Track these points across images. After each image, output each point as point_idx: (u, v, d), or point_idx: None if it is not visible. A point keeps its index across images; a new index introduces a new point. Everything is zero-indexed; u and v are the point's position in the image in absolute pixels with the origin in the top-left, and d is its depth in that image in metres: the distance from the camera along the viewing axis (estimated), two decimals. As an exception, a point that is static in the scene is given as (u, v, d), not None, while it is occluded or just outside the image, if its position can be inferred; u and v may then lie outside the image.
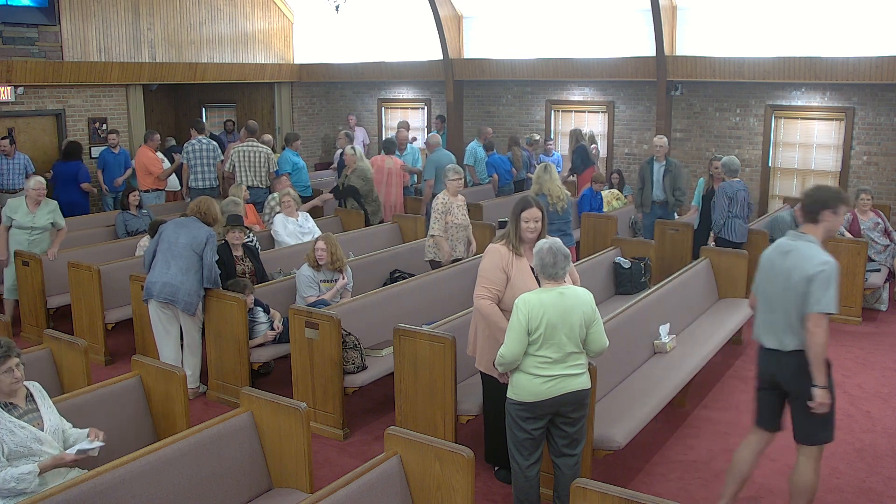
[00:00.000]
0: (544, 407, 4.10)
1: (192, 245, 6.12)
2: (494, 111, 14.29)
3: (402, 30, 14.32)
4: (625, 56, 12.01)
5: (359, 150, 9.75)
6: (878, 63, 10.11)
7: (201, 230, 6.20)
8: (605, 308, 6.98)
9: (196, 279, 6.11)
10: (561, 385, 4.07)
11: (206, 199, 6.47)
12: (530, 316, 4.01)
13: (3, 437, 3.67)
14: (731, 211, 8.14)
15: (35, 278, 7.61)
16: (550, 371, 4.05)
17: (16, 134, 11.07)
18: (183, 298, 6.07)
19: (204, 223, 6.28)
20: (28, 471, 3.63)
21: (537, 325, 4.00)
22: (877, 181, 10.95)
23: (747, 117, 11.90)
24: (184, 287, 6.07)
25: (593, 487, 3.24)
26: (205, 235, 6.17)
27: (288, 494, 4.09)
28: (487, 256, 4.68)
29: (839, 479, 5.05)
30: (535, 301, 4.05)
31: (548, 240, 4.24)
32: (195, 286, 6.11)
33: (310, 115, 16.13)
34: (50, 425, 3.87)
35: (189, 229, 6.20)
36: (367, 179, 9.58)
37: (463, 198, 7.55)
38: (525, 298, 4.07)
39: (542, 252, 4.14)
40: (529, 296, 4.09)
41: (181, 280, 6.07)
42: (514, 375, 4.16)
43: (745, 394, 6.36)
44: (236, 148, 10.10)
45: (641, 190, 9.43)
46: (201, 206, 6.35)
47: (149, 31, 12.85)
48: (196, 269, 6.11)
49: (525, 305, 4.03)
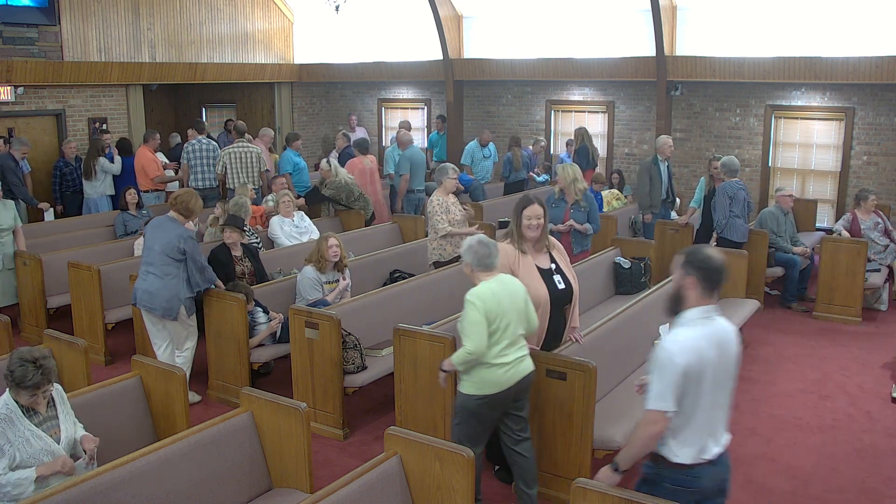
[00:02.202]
0: (508, 394, 4.24)
1: (166, 250, 5.88)
2: (494, 111, 14.29)
3: (402, 30, 14.31)
4: (625, 56, 12.00)
5: (333, 163, 9.70)
6: (878, 63, 10.11)
7: (172, 233, 5.91)
8: (605, 308, 6.98)
9: (175, 283, 5.89)
10: (517, 370, 4.25)
11: (185, 192, 6.17)
12: (487, 308, 4.10)
13: (19, 445, 3.64)
14: (732, 211, 8.15)
15: (35, 278, 7.61)
16: (508, 357, 4.21)
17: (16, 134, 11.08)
18: (160, 305, 5.90)
19: (182, 216, 6.04)
20: (25, 476, 3.62)
21: (496, 316, 4.12)
22: (877, 181, 10.95)
23: (747, 117, 11.89)
24: (160, 293, 5.89)
25: (593, 487, 3.24)
26: (175, 239, 5.88)
27: (288, 494, 4.09)
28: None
29: (840, 479, 5.05)
30: (487, 293, 4.14)
31: (475, 235, 4.42)
32: (174, 291, 5.89)
33: (310, 115, 16.13)
34: (66, 436, 3.86)
35: (163, 232, 5.96)
36: (341, 187, 9.54)
37: (454, 196, 7.51)
38: (477, 293, 4.16)
39: (475, 246, 4.25)
40: (480, 289, 4.18)
41: (158, 286, 5.89)
42: (473, 371, 4.22)
43: (745, 393, 6.37)
44: (227, 149, 10.07)
45: (650, 191, 9.28)
46: (178, 199, 6.08)
47: (149, 31, 12.85)
48: (175, 273, 5.89)
49: (480, 299, 4.11)
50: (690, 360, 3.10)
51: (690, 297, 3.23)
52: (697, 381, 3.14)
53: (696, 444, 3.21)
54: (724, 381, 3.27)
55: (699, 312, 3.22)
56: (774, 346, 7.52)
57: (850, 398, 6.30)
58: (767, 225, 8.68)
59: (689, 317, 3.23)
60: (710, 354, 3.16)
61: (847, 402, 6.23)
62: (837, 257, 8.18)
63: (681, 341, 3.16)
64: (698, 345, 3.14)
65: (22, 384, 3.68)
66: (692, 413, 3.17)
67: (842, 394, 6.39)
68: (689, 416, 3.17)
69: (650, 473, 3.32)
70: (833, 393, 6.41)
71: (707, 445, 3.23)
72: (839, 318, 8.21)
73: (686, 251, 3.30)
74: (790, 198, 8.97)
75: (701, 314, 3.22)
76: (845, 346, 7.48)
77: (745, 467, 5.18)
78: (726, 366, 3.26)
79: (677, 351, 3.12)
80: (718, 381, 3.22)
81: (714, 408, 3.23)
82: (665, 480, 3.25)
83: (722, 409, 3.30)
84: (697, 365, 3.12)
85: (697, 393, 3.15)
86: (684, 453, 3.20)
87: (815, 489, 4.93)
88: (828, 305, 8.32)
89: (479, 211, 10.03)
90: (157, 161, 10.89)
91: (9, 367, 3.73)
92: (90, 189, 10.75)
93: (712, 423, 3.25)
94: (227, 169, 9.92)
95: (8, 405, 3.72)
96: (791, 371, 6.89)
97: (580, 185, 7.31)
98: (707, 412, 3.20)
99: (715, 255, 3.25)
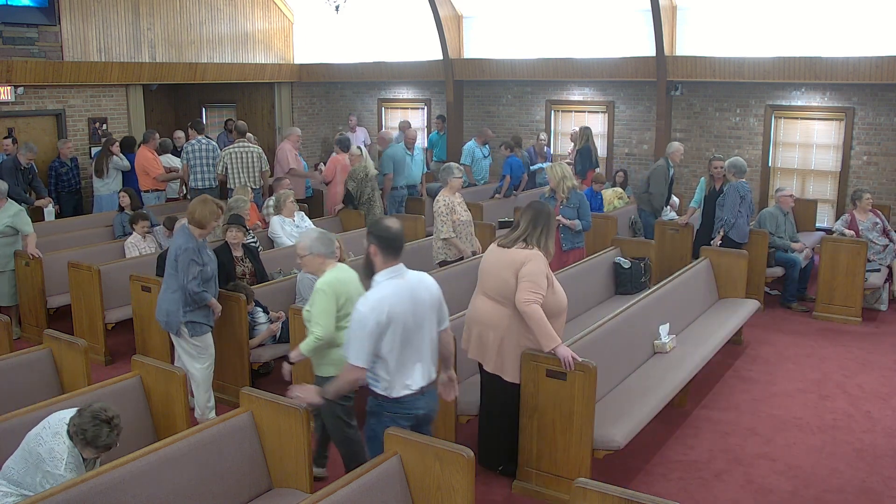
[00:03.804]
0: None
1: (170, 263, 5.61)
2: (494, 111, 14.29)
3: (402, 30, 14.31)
4: (625, 56, 12.00)
5: (364, 150, 9.76)
6: (878, 63, 10.11)
7: (175, 244, 5.65)
8: (605, 308, 6.98)
9: (174, 298, 5.54)
10: None
11: (199, 200, 5.74)
12: (337, 294, 4.37)
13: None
14: (741, 211, 8.17)
15: (35, 278, 7.61)
16: None
17: (16, 134, 11.08)
18: (161, 318, 5.68)
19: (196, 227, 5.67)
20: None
21: (343, 301, 4.37)
22: (877, 181, 10.95)
23: (747, 117, 11.89)
24: (161, 306, 5.67)
25: (593, 487, 3.24)
26: (174, 252, 5.60)
27: (288, 494, 4.09)
28: (533, 262, 4.67)
29: (839, 479, 5.05)
30: (335, 281, 4.41)
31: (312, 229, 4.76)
32: (171, 305, 5.56)
33: (310, 115, 16.12)
34: None
35: (172, 243, 5.78)
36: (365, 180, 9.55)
37: (460, 194, 7.53)
38: (327, 282, 4.38)
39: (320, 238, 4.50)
40: (328, 278, 4.40)
41: (161, 298, 5.70)
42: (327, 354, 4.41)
43: (745, 394, 6.37)
44: (227, 149, 10.06)
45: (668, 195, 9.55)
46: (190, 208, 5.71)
47: (149, 31, 12.85)
48: (174, 286, 5.54)
49: (330, 287, 4.37)
50: (380, 316, 3.70)
51: (377, 262, 3.85)
52: (393, 330, 3.74)
53: (404, 381, 3.84)
54: (422, 325, 3.88)
55: (387, 273, 3.83)
56: (774, 346, 7.52)
57: (850, 398, 6.30)
58: (766, 225, 8.68)
59: (378, 279, 3.84)
60: (400, 306, 3.77)
61: (847, 402, 6.23)
62: (837, 257, 8.18)
63: (370, 302, 3.75)
64: (388, 301, 3.74)
65: (94, 444, 3.64)
66: (395, 356, 3.78)
67: (842, 394, 6.39)
68: (394, 359, 3.78)
69: (373, 406, 3.95)
70: (833, 393, 6.41)
71: (414, 380, 3.86)
72: (839, 318, 8.21)
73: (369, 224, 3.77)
74: (791, 198, 8.97)
75: (388, 274, 3.83)
76: (845, 346, 7.48)
77: (745, 467, 5.19)
78: (421, 311, 3.87)
79: (367, 311, 3.71)
80: (416, 325, 3.84)
81: (415, 349, 3.85)
82: (385, 410, 3.89)
83: (426, 348, 3.91)
84: (388, 317, 3.72)
85: (396, 339, 3.76)
86: (395, 389, 3.83)
87: (815, 489, 4.93)
88: (828, 305, 8.32)
89: (478, 211, 10.03)
90: (158, 160, 10.89)
91: (80, 425, 3.63)
92: (101, 187, 10.78)
93: (416, 362, 3.86)
94: (227, 169, 9.92)
95: (75, 458, 3.68)
96: (791, 371, 6.89)
97: (568, 184, 7.46)
98: (409, 353, 3.82)
99: (392, 225, 3.87)
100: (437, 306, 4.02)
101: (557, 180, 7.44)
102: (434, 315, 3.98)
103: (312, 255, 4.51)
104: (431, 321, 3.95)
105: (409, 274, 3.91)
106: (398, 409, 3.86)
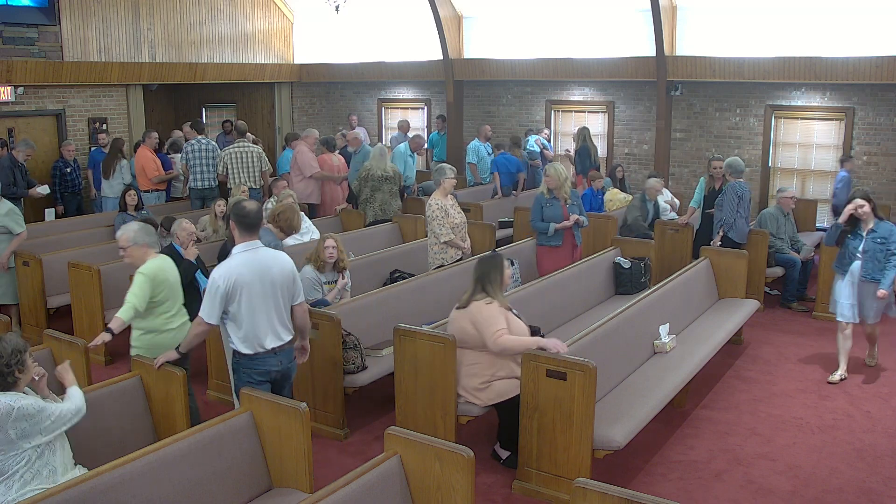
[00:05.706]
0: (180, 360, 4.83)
1: None
2: (494, 111, 14.29)
3: (402, 30, 14.31)
4: (625, 56, 12.01)
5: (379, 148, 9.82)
6: (878, 63, 10.11)
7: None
8: (606, 308, 6.98)
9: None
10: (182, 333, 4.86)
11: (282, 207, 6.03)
12: (155, 280, 4.83)
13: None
14: (739, 211, 8.16)
15: (35, 278, 7.61)
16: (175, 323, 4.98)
17: (16, 134, 11.08)
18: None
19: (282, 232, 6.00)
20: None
21: (161, 287, 4.87)
22: (877, 181, 10.95)
23: (747, 117, 11.90)
24: None
25: (593, 487, 3.24)
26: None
27: (288, 494, 4.09)
28: (485, 309, 4.95)
29: (839, 479, 5.05)
30: (156, 268, 4.89)
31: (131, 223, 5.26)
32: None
33: (310, 115, 16.12)
34: None
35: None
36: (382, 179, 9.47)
37: (452, 196, 7.51)
38: (148, 268, 4.86)
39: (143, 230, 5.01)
40: (150, 265, 4.88)
41: None
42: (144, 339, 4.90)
43: (745, 394, 6.37)
44: (227, 150, 10.07)
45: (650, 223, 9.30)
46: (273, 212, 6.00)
47: (149, 31, 12.85)
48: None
49: (150, 272, 4.83)
50: (228, 282, 4.30)
51: (235, 236, 4.49)
52: (240, 295, 4.32)
53: (254, 340, 4.40)
54: (271, 294, 4.41)
55: (242, 247, 4.43)
56: (774, 346, 7.52)
57: (850, 398, 6.30)
58: (766, 226, 8.68)
59: (234, 251, 4.44)
60: (249, 276, 4.34)
61: (847, 402, 6.23)
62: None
63: (222, 269, 4.37)
64: (237, 270, 4.33)
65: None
66: (244, 319, 4.36)
67: (842, 394, 6.39)
68: (243, 321, 4.36)
69: (234, 363, 4.53)
70: (833, 393, 6.41)
71: (265, 340, 4.42)
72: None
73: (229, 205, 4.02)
74: (792, 200, 8.95)
75: (243, 248, 4.43)
76: (845, 346, 7.47)
77: (745, 467, 5.19)
78: (268, 281, 4.40)
79: (218, 277, 4.33)
80: (263, 293, 4.38)
81: (264, 313, 4.40)
82: (242, 367, 4.47)
83: (274, 313, 4.45)
84: (236, 284, 4.30)
85: (242, 303, 4.33)
86: (245, 347, 4.41)
87: (815, 489, 4.93)
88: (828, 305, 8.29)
89: (478, 211, 10.02)
90: (157, 161, 10.88)
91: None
92: (108, 189, 10.77)
93: (266, 324, 4.42)
94: (227, 169, 9.93)
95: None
96: (791, 371, 6.89)
97: (569, 184, 7.62)
98: (257, 316, 4.38)
99: (248, 206, 4.48)
100: (289, 282, 4.54)
101: (562, 181, 7.46)
102: (286, 289, 4.52)
103: (136, 246, 4.97)
104: (283, 293, 4.50)
105: (263, 250, 4.49)
106: (252, 364, 4.44)
